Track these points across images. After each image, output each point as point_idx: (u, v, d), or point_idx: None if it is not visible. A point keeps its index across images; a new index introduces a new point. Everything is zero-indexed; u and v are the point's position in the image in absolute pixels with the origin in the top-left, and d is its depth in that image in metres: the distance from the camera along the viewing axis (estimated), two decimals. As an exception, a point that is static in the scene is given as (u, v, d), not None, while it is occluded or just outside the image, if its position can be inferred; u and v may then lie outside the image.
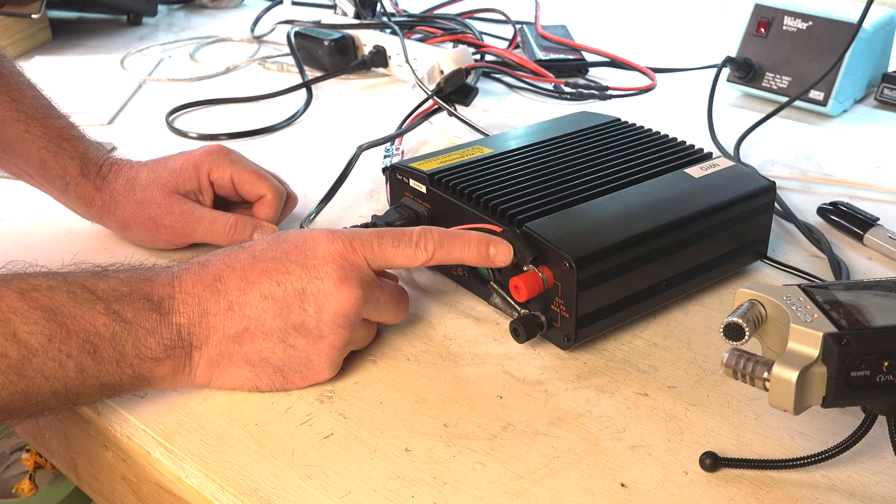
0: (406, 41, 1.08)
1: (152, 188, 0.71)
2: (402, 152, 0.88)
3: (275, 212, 0.72)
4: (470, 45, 1.11)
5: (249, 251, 0.57)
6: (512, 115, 1.00)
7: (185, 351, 0.54)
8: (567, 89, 1.04)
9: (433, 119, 0.95)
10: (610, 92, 1.02)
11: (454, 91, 0.95)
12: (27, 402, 0.50)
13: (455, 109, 0.93)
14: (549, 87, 1.06)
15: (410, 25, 1.19)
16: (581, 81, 1.06)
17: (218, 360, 0.55)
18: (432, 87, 0.96)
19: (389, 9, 1.22)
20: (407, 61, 1.04)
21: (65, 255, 0.72)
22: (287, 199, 0.75)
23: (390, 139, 0.88)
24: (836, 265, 0.69)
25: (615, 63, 1.11)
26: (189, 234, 0.71)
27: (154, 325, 0.53)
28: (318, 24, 1.16)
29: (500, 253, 0.59)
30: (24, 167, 0.73)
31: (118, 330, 0.52)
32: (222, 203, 0.74)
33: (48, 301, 0.50)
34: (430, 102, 0.93)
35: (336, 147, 0.91)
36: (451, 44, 1.12)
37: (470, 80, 0.98)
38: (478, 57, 1.10)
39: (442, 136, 0.95)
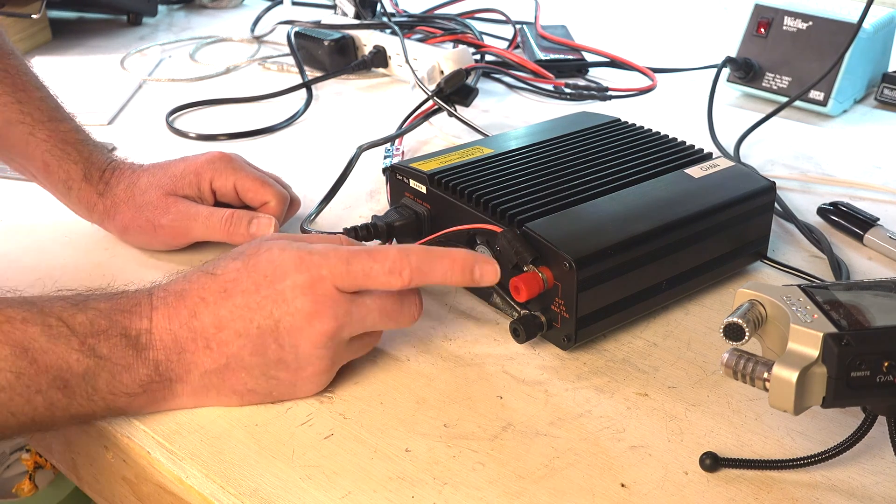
0: (406, 41, 1.08)
1: (150, 191, 0.71)
2: (403, 153, 0.88)
3: (279, 217, 0.72)
4: (470, 45, 1.11)
5: (220, 281, 0.54)
6: (512, 115, 1.00)
7: (164, 385, 0.53)
8: (567, 90, 1.04)
9: (433, 119, 0.95)
10: (610, 92, 1.02)
11: (454, 91, 0.95)
12: None
13: (455, 110, 0.93)
14: (549, 87, 1.06)
15: (410, 25, 1.19)
16: (581, 82, 1.06)
17: (203, 391, 0.54)
18: (432, 87, 0.96)
19: (389, 9, 1.22)
20: (407, 61, 1.04)
21: (65, 255, 0.72)
22: (290, 203, 0.74)
23: (390, 139, 0.88)
24: (836, 265, 0.69)
25: (615, 63, 1.11)
26: (187, 233, 0.71)
27: (130, 362, 0.52)
28: (318, 24, 1.16)
29: (486, 273, 0.56)
30: (29, 168, 0.73)
31: (91, 365, 0.50)
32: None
33: (20, 335, 0.49)
34: (430, 103, 0.93)
35: (336, 147, 0.91)
36: (451, 44, 1.12)
37: (470, 80, 0.97)
38: (478, 57, 1.10)
39: (442, 137, 0.95)
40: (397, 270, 0.54)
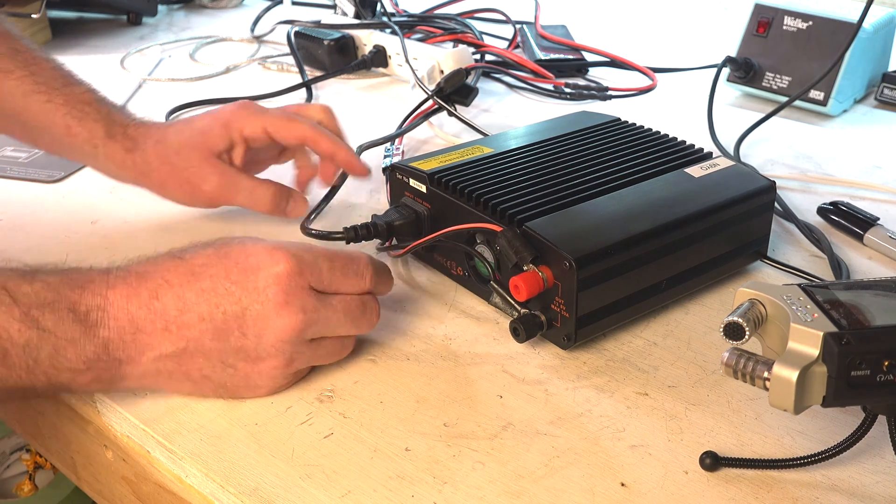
0: (406, 41, 1.08)
1: (185, 151, 0.72)
2: (403, 152, 0.88)
3: (326, 143, 0.72)
4: (470, 44, 1.11)
5: (189, 265, 0.54)
6: (512, 115, 1.00)
7: (111, 364, 0.52)
8: (567, 90, 1.04)
9: (433, 119, 0.95)
10: (610, 92, 1.02)
11: (454, 91, 0.95)
12: None
13: (455, 109, 0.93)
14: (549, 87, 1.06)
15: (410, 25, 1.19)
16: (581, 82, 1.06)
17: (154, 375, 0.54)
18: (432, 87, 0.96)
19: (389, 9, 1.22)
20: (407, 61, 1.04)
21: (65, 255, 0.72)
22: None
23: (390, 139, 0.88)
24: (836, 265, 0.69)
25: (615, 63, 1.11)
26: (228, 200, 0.73)
27: (76, 337, 0.51)
28: (317, 23, 1.16)
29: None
30: (52, 136, 0.74)
31: (33, 337, 0.49)
32: (252, 160, 0.75)
33: None
34: (430, 102, 0.93)
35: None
36: (451, 43, 1.12)
37: (470, 80, 0.97)
38: (478, 57, 1.10)
39: (442, 136, 0.94)
40: (364, 273, 0.57)
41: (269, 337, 0.53)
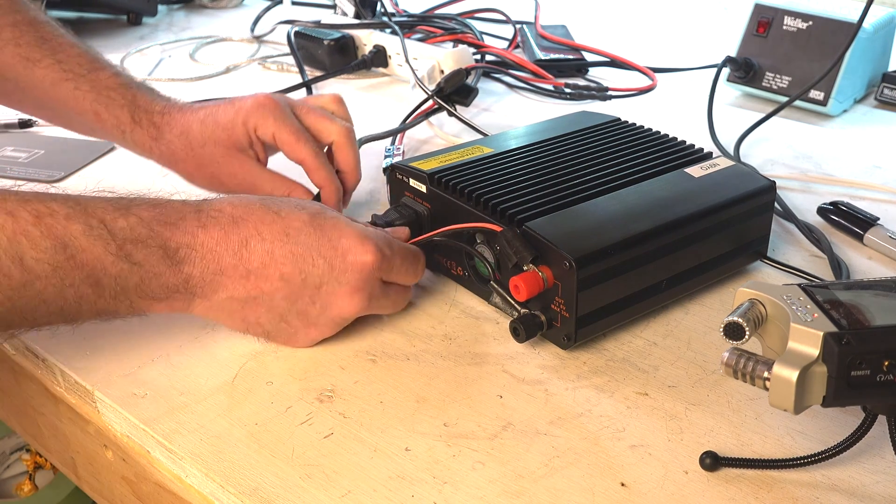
0: (406, 41, 1.08)
1: (210, 146, 0.72)
2: (403, 152, 0.88)
3: (320, 175, 0.72)
4: (470, 45, 1.11)
5: (284, 224, 0.57)
6: (512, 115, 1.00)
7: (186, 296, 0.56)
8: (567, 90, 1.04)
9: (433, 119, 0.95)
10: (610, 92, 1.02)
11: (454, 91, 0.95)
12: (23, 319, 0.52)
13: (455, 109, 0.93)
14: (549, 87, 1.06)
15: (411, 25, 1.19)
16: (581, 83, 1.06)
17: (216, 311, 0.57)
18: (432, 87, 0.95)
19: (389, 8, 1.22)
20: (407, 61, 1.04)
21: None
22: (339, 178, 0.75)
23: (391, 134, 0.88)
24: (836, 265, 0.69)
25: (615, 63, 1.11)
26: (251, 193, 0.73)
27: (162, 270, 0.54)
28: (317, 24, 1.16)
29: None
30: (83, 123, 0.76)
31: (125, 269, 0.53)
32: None
33: (62, 230, 0.51)
34: (430, 102, 0.93)
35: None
36: (451, 44, 1.12)
37: (470, 80, 0.97)
38: (478, 57, 1.10)
39: (442, 136, 0.94)
40: (420, 271, 0.63)
41: (333, 312, 0.59)
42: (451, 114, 0.92)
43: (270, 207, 0.58)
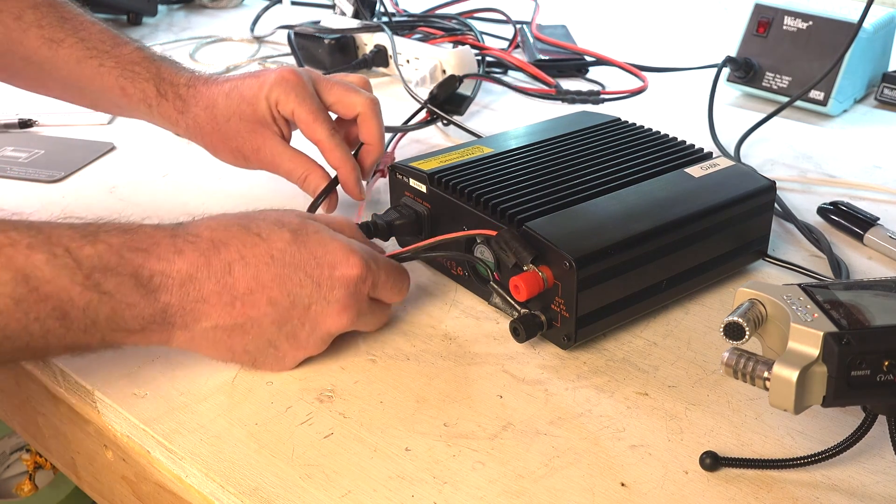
0: (403, 43, 1.08)
1: (234, 120, 0.72)
2: (393, 158, 0.87)
3: (335, 156, 0.72)
4: (471, 46, 1.10)
5: (267, 247, 0.55)
6: (511, 116, 1.00)
7: (164, 327, 0.53)
8: (560, 95, 1.01)
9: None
10: (602, 96, 1.01)
11: (447, 99, 0.93)
12: None
13: (451, 117, 0.91)
14: (541, 94, 1.06)
15: (411, 26, 1.19)
16: (573, 87, 1.05)
17: (199, 342, 0.55)
18: (431, 87, 0.95)
19: (389, 8, 1.22)
20: (397, 66, 1.03)
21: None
22: (363, 149, 0.75)
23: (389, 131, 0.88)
24: (836, 265, 0.69)
25: (601, 62, 1.11)
26: (274, 171, 0.74)
27: (136, 300, 0.51)
28: (316, 25, 1.16)
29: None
30: (109, 99, 0.76)
31: (94, 299, 0.50)
32: None
33: (23, 261, 0.48)
34: (424, 112, 0.92)
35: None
36: (452, 44, 1.12)
37: (468, 90, 0.96)
38: (479, 57, 1.09)
39: (442, 136, 0.94)
40: (405, 289, 0.61)
41: (321, 331, 0.57)
42: (446, 123, 0.91)
43: (251, 229, 0.55)
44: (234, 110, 0.72)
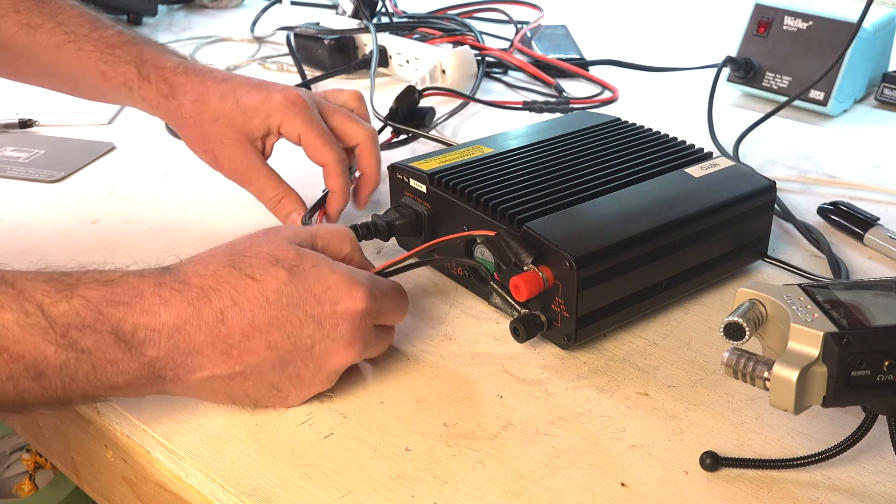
0: (403, 42, 1.08)
1: (221, 124, 0.71)
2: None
3: (338, 182, 0.72)
4: (471, 46, 1.10)
5: (262, 289, 0.51)
6: (511, 116, 1.00)
7: (154, 380, 0.50)
8: (525, 107, 0.99)
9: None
10: (571, 106, 0.99)
11: (409, 115, 0.91)
12: None
13: (417, 131, 0.90)
14: (549, 89, 1.06)
15: (411, 27, 1.19)
16: (540, 99, 1.03)
17: (196, 391, 0.53)
18: (439, 84, 0.94)
19: (389, 9, 1.22)
20: (373, 69, 1.03)
21: (65, 255, 0.72)
22: (360, 179, 0.75)
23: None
24: (836, 265, 0.69)
25: (589, 64, 1.11)
26: (243, 185, 0.73)
27: (118, 357, 0.48)
28: (316, 25, 1.16)
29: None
30: (89, 85, 0.75)
31: (71, 358, 0.47)
32: None
33: None
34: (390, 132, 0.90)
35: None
36: (452, 45, 1.12)
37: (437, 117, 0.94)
38: (479, 59, 1.09)
39: (440, 137, 0.94)
40: (405, 309, 0.59)
41: (328, 369, 0.54)
42: (410, 138, 0.89)
43: (242, 270, 0.51)
44: (224, 114, 0.71)
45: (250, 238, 0.55)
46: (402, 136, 0.90)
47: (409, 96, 0.91)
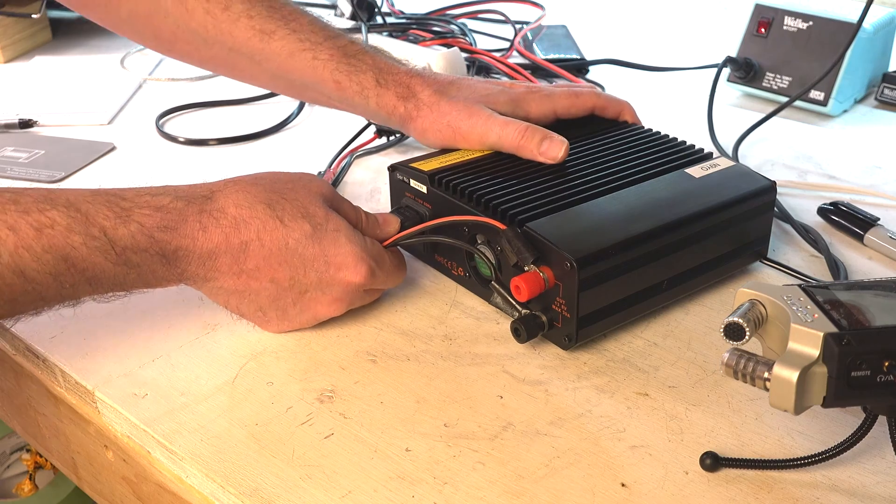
0: (392, 43, 1.07)
1: (459, 101, 0.73)
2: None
3: (614, 105, 0.77)
4: (462, 50, 1.10)
5: (285, 233, 0.59)
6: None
7: (177, 281, 0.59)
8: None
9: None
10: None
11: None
12: (22, 312, 0.55)
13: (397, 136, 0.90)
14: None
15: (404, 28, 1.18)
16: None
17: (202, 289, 0.60)
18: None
19: (385, 10, 1.21)
20: None
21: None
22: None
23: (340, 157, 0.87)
24: (834, 265, 0.69)
25: (614, 61, 1.11)
26: (482, 139, 0.72)
27: (160, 270, 0.57)
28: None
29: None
30: (320, 91, 0.76)
31: (123, 271, 0.55)
32: None
33: (62, 242, 0.53)
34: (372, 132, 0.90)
35: (333, 148, 0.91)
36: (443, 47, 1.11)
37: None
38: (469, 63, 1.08)
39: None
40: (401, 278, 0.66)
41: (309, 314, 0.62)
42: (392, 142, 0.89)
43: (275, 210, 0.59)
44: (466, 96, 0.73)
45: (293, 181, 0.62)
46: (390, 139, 0.90)
47: None
